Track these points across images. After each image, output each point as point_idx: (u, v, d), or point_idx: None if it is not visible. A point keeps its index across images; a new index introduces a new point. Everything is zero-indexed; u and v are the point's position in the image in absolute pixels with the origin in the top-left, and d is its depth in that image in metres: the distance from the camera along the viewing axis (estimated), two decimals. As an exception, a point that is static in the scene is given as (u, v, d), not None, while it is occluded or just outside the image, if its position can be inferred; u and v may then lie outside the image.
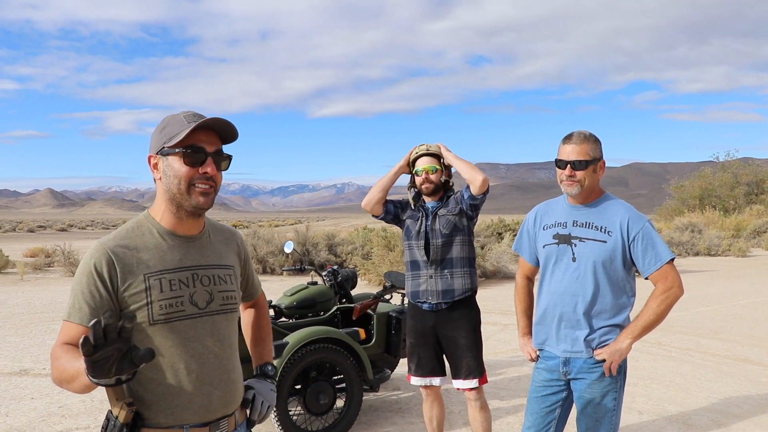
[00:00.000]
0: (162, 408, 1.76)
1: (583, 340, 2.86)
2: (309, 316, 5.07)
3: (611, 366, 2.80)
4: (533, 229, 3.12)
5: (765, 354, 7.31)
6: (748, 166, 38.97)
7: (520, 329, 3.24)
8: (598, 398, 2.87)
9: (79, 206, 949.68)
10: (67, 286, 13.44)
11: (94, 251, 1.76)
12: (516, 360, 6.96)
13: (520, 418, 5.02)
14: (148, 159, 1.85)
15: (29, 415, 5.07)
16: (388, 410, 5.23)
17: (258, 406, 2.01)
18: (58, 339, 1.73)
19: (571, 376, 2.92)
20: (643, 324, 2.79)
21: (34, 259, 17.68)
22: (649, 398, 5.58)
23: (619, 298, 2.85)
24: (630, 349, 2.82)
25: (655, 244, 2.80)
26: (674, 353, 7.33)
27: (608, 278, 2.83)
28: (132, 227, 1.84)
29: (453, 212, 3.78)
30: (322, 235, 18.09)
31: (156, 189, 1.87)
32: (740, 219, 29.65)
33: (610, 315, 2.85)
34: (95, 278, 1.72)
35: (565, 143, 2.85)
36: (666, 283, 2.78)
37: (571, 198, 2.94)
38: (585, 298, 2.84)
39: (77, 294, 1.73)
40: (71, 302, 1.73)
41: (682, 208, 36.13)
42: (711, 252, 21.93)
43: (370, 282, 13.64)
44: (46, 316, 9.71)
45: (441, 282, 3.76)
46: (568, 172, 2.81)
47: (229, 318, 1.92)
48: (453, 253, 3.77)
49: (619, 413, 2.93)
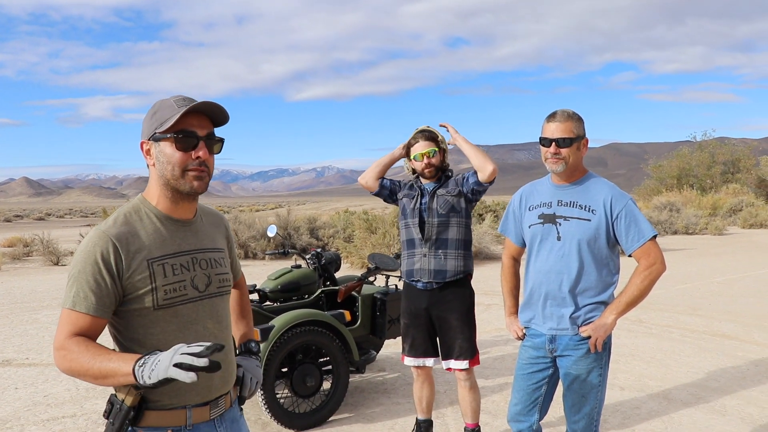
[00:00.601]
0: (167, 391, 1.78)
1: (569, 318, 2.90)
2: (293, 299, 5.08)
3: (596, 342, 2.85)
4: (519, 210, 3.16)
5: (741, 329, 7.47)
6: (724, 145, 39.45)
7: (507, 309, 3.28)
8: (584, 374, 2.92)
9: (56, 195, 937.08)
10: (48, 276, 13.31)
11: (97, 239, 1.74)
12: (500, 339, 7.04)
13: (506, 396, 5.10)
14: (140, 145, 1.85)
15: (14, 405, 5.04)
16: (374, 391, 5.28)
17: (248, 382, 2.06)
18: (63, 329, 1.71)
19: (557, 354, 2.97)
20: (627, 300, 2.84)
21: (12, 249, 17.44)
22: (631, 374, 5.69)
23: (603, 275, 2.90)
24: (615, 324, 2.87)
25: (638, 222, 2.84)
26: (654, 330, 7.46)
27: (593, 256, 2.87)
28: (129, 212, 1.84)
29: (452, 193, 3.79)
30: (304, 219, 18.06)
31: (150, 174, 1.87)
32: (717, 198, 30.06)
33: (595, 292, 2.90)
34: (101, 266, 1.71)
35: (549, 121, 2.88)
36: (649, 259, 2.83)
37: (555, 178, 2.97)
38: (570, 276, 2.89)
39: (81, 283, 1.71)
40: (74, 291, 1.72)
41: (660, 187, 36.53)
42: (689, 230, 22.24)
43: (353, 265, 13.67)
44: (27, 306, 9.62)
45: (434, 261, 3.77)
46: (552, 149, 2.85)
47: (225, 300, 1.98)
48: (449, 234, 3.78)
49: (604, 388, 2.99)
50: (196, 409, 1.84)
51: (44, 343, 7.18)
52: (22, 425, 4.60)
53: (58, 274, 13.45)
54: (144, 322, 1.78)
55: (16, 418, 4.74)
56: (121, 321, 1.80)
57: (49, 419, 4.72)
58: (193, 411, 1.83)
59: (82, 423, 4.64)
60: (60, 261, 15.45)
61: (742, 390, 5.21)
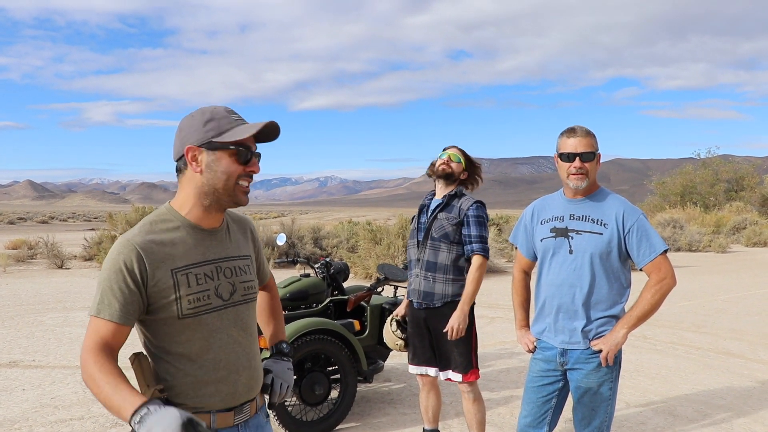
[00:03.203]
0: (190, 396, 1.81)
1: (581, 331, 2.92)
2: (302, 308, 5.11)
3: (608, 356, 2.86)
4: (530, 224, 3.18)
5: (746, 347, 7.47)
6: (728, 163, 39.48)
7: (518, 321, 3.30)
8: (594, 388, 2.94)
9: (59, 198, 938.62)
10: (52, 279, 13.35)
11: (122, 248, 1.75)
12: (504, 352, 7.05)
13: (511, 409, 5.11)
14: (185, 150, 1.81)
15: (21, 407, 5.06)
16: (380, 401, 5.29)
17: (277, 389, 2.06)
18: (90, 338, 1.73)
19: (568, 367, 2.99)
20: (638, 314, 2.86)
21: (16, 251, 17.49)
22: (636, 389, 5.70)
23: (614, 289, 2.92)
24: (626, 339, 2.88)
25: (649, 236, 2.86)
26: (659, 346, 7.47)
27: (604, 270, 2.90)
28: (155, 221, 1.84)
29: (451, 222, 3.79)
30: (308, 228, 18.09)
31: (185, 181, 1.86)
32: (720, 215, 30.06)
33: (607, 306, 2.92)
34: (125, 275, 1.72)
35: (568, 136, 2.89)
36: (660, 273, 2.85)
37: (569, 192, 3.00)
38: (582, 289, 2.91)
39: (105, 290, 1.73)
40: (99, 298, 1.74)
41: (664, 204, 36.54)
42: (692, 248, 22.24)
43: (356, 275, 13.68)
44: (32, 308, 9.65)
45: (424, 283, 3.83)
46: (577, 164, 2.86)
47: (250, 307, 1.97)
48: (438, 258, 3.80)
49: (614, 402, 3.01)
50: (219, 414, 1.85)
51: (50, 345, 7.21)
52: (30, 426, 4.62)
53: (62, 278, 13.49)
54: (170, 330, 1.79)
55: (24, 419, 4.76)
56: (148, 329, 1.81)
57: (57, 421, 4.74)
58: (216, 416, 1.84)
59: (89, 426, 4.66)
60: (64, 264, 15.48)
61: (749, 408, 5.21)
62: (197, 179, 1.83)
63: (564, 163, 2.90)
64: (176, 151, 1.86)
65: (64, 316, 9.03)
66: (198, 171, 1.82)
